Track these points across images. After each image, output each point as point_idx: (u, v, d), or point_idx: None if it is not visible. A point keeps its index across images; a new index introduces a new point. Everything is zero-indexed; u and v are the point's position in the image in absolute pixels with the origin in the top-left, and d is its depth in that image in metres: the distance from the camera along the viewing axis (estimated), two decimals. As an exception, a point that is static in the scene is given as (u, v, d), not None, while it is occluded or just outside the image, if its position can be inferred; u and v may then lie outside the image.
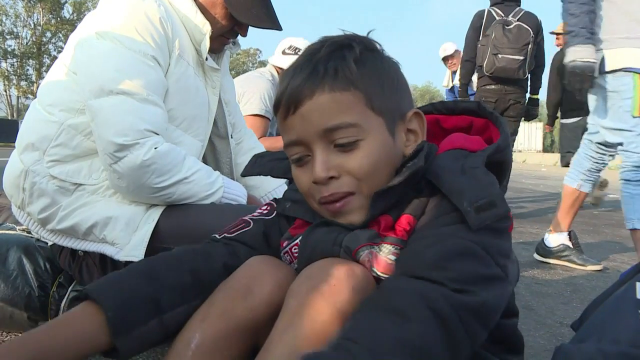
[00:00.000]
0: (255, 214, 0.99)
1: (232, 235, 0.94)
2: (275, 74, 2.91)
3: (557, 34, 5.17)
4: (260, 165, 1.00)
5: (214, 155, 1.71)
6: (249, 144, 1.90)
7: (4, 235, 1.65)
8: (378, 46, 0.85)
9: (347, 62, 0.79)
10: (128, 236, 1.33)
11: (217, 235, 0.95)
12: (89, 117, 1.32)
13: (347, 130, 0.78)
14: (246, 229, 0.95)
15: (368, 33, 0.88)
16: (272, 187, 1.78)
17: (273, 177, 0.98)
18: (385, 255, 0.77)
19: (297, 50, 2.94)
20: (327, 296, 0.71)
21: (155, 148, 1.28)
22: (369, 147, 0.79)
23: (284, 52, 2.93)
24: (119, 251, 1.33)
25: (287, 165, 0.91)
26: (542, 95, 4.78)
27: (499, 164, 0.83)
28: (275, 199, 1.01)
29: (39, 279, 1.51)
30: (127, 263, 1.32)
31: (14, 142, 1.49)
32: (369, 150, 0.79)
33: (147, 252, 1.30)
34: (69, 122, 1.36)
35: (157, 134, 1.31)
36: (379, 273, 0.77)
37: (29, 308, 1.49)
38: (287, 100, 0.80)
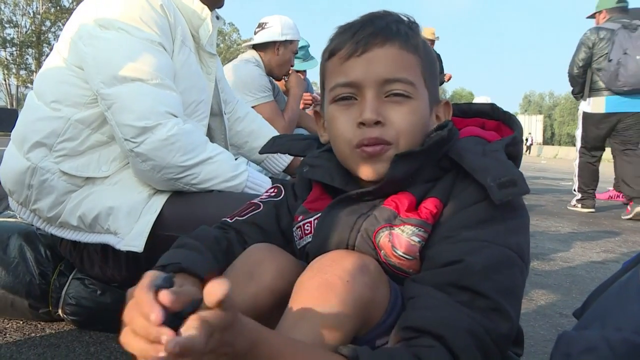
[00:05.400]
0: (263, 196, 1.01)
1: (244, 218, 0.95)
2: (257, 56, 2.93)
3: None
4: (278, 144, 1.04)
5: (209, 133, 1.70)
6: (243, 110, 1.97)
7: (5, 222, 1.65)
8: None
9: (415, 33, 0.85)
10: (130, 225, 1.32)
11: (228, 219, 0.96)
12: (103, 107, 1.30)
13: (405, 86, 0.82)
14: (257, 211, 0.96)
15: None
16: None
17: (291, 155, 1.03)
18: (408, 237, 0.78)
19: (263, 25, 2.95)
20: (339, 292, 0.70)
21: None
22: (416, 107, 0.83)
23: (255, 33, 2.98)
24: (120, 240, 1.33)
25: (304, 145, 0.97)
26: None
27: (513, 159, 0.83)
28: (281, 182, 1.02)
29: (39, 266, 1.52)
30: (129, 252, 1.32)
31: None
32: (414, 109, 0.83)
33: (150, 240, 1.29)
34: (76, 117, 1.35)
35: (176, 117, 1.30)
36: (401, 253, 0.78)
37: (30, 296, 1.49)
38: (354, 45, 0.82)
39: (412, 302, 0.73)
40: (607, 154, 5.17)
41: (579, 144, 4.85)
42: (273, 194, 1.00)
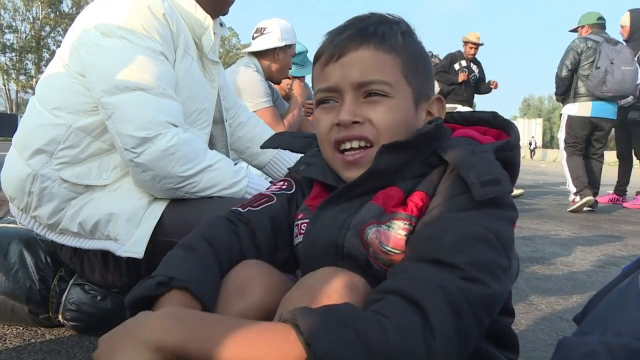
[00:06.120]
0: (273, 188, 1.01)
1: (257, 209, 0.95)
2: (257, 62, 2.95)
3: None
4: (280, 140, 1.06)
5: (210, 140, 1.71)
6: (246, 115, 1.98)
7: (5, 228, 1.65)
8: (417, 35, 0.93)
9: (394, 32, 0.86)
10: (130, 232, 1.32)
11: (240, 209, 0.95)
12: (104, 116, 1.30)
13: (380, 86, 0.84)
14: (270, 203, 0.97)
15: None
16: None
17: (292, 151, 1.05)
18: (394, 232, 0.79)
19: (262, 30, 2.96)
20: None
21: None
22: (394, 105, 0.84)
23: (253, 38, 2.99)
24: (120, 247, 1.33)
25: (305, 142, 1.00)
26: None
27: (508, 166, 0.81)
28: (291, 176, 1.03)
29: (40, 272, 1.52)
30: (129, 258, 1.32)
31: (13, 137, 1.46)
32: (393, 107, 0.84)
33: (150, 247, 1.29)
34: (77, 125, 1.34)
35: (177, 126, 1.31)
36: (389, 248, 0.79)
37: (30, 301, 1.49)
38: (332, 50, 0.85)
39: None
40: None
41: (562, 144, 5.18)
42: (284, 186, 1.01)
